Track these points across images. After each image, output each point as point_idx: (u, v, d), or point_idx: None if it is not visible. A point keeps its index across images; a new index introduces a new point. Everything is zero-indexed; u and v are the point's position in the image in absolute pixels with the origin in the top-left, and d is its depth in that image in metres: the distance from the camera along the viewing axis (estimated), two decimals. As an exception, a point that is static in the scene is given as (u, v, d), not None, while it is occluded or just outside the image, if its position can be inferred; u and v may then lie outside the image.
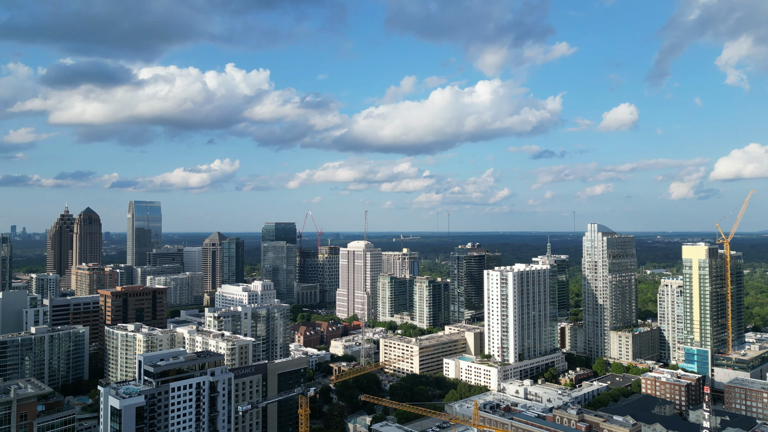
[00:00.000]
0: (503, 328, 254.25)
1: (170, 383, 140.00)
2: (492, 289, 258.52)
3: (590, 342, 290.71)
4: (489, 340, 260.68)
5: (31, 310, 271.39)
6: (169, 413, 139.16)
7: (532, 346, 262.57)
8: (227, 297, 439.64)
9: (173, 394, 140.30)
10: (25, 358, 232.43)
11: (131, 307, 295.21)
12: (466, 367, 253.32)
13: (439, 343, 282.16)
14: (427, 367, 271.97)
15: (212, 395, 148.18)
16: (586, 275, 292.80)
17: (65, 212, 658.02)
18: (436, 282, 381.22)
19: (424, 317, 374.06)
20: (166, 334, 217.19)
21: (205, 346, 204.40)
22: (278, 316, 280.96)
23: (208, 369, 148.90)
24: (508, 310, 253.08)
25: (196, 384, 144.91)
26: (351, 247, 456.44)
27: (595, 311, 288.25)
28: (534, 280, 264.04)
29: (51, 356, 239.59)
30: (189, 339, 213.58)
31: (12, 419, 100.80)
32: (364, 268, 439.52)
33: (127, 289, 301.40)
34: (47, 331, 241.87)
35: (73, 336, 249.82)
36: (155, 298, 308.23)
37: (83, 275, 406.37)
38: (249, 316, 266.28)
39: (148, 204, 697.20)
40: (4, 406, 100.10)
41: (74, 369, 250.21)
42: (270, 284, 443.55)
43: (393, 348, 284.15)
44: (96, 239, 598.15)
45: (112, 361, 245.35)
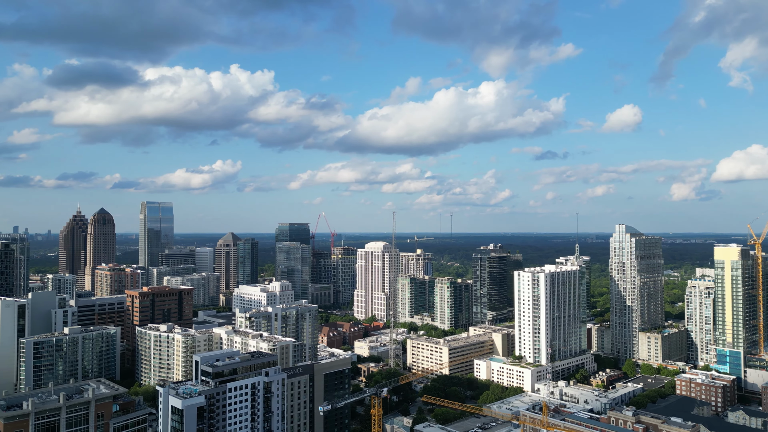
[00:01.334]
0: (535, 329, 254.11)
1: (227, 384, 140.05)
2: (523, 290, 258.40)
3: (618, 343, 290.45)
4: (520, 341, 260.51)
5: (59, 310, 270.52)
6: (226, 413, 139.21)
7: (562, 347, 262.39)
8: (245, 298, 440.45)
9: (230, 394, 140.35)
10: (58, 358, 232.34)
11: (158, 308, 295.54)
12: (497, 369, 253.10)
13: (467, 344, 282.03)
14: (456, 368, 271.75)
15: (267, 395, 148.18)
16: (614, 276, 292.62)
17: (77, 213, 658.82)
18: (457, 283, 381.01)
19: (446, 318, 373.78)
20: (204, 334, 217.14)
21: (244, 346, 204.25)
22: (307, 317, 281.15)
23: (263, 369, 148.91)
24: (540, 311, 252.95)
25: (251, 384, 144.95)
26: (369, 248, 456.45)
27: (623, 312, 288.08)
28: (564, 281, 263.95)
29: (84, 357, 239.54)
30: (227, 340, 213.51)
31: (90, 419, 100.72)
32: (383, 269, 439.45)
33: (154, 290, 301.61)
34: (80, 332, 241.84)
35: (105, 336, 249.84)
36: (181, 299, 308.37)
37: (104, 276, 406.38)
38: (279, 317, 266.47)
39: (160, 204, 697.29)
40: (83, 406, 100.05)
41: (106, 369, 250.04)
42: (288, 285, 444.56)
43: (421, 349, 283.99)
44: (110, 240, 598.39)
45: (145, 361, 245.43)
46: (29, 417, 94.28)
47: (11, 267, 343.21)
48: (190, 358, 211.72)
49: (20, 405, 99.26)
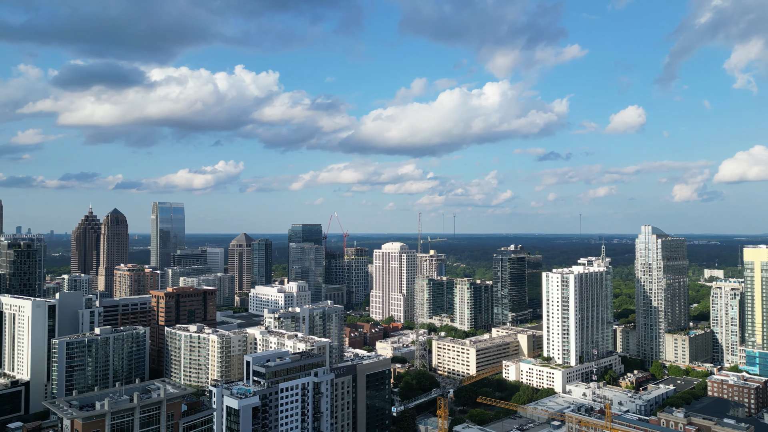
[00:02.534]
0: (564, 330, 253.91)
1: (279, 384, 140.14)
2: (552, 291, 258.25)
3: (643, 344, 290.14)
4: (549, 342, 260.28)
5: (86, 311, 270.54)
6: (278, 413, 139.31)
7: (590, 348, 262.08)
8: (262, 298, 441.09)
9: (282, 394, 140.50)
10: (89, 359, 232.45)
11: (183, 308, 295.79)
12: (527, 370, 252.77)
13: (493, 346, 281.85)
14: (482, 369, 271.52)
15: (316, 396, 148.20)
16: (639, 277, 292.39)
17: (89, 213, 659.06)
18: (477, 284, 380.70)
19: (465, 319, 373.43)
20: (238, 335, 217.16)
21: (280, 347, 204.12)
22: (334, 317, 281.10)
23: (312, 370, 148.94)
24: (569, 313, 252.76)
25: (301, 385, 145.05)
26: (385, 249, 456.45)
27: (649, 314, 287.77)
28: (592, 282, 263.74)
29: (114, 357, 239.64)
30: (261, 340, 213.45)
31: (161, 419, 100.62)
32: (400, 270, 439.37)
33: (179, 290, 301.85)
34: (110, 332, 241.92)
35: (135, 336, 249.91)
36: (205, 299, 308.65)
37: (123, 276, 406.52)
38: (307, 317, 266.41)
39: (171, 205, 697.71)
40: (155, 406, 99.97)
41: (136, 370, 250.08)
42: (305, 285, 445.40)
43: (447, 350, 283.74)
44: (123, 240, 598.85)
45: (175, 361, 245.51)
46: (105, 417, 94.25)
47: (33, 268, 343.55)
48: (225, 359, 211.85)
49: (92, 405, 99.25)
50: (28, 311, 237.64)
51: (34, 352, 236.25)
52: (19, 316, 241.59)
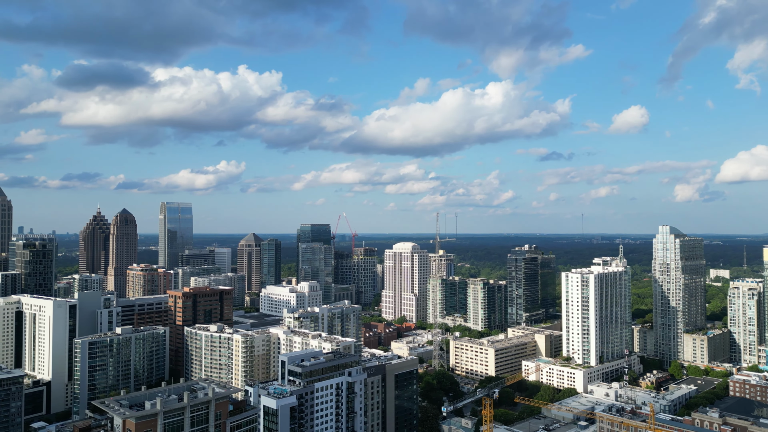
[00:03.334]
0: (584, 330, 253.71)
1: (315, 384, 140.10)
2: (571, 291, 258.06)
3: (661, 344, 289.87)
4: (568, 342, 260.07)
5: (105, 311, 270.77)
6: (314, 413, 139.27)
7: (610, 348, 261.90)
8: (273, 298, 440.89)
9: (317, 394, 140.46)
10: (110, 358, 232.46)
11: (200, 308, 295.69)
12: (547, 370, 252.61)
13: (511, 346, 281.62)
14: (501, 369, 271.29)
15: (350, 396, 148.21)
16: (657, 277, 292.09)
17: (98, 213, 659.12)
18: (490, 284, 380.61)
19: (479, 319, 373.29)
20: (262, 334, 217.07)
21: (305, 346, 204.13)
22: (352, 317, 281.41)
23: (345, 370, 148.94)
24: (589, 312, 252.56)
25: (335, 384, 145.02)
26: (397, 249, 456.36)
27: (667, 313, 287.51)
28: (611, 282, 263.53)
29: (135, 357, 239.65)
30: (285, 340, 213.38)
31: (210, 419, 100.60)
32: (411, 270, 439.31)
33: (196, 290, 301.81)
34: (131, 332, 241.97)
35: (155, 337, 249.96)
36: (222, 299, 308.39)
37: (136, 276, 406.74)
38: (326, 317, 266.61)
39: (179, 205, 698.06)
40: (204, 405, 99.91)
41: (156, 370, 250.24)
42: (316, 285, 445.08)
43: (465, 350, 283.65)
44: (132, 240, 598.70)
45: (195, 361, 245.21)
46: (157, 417, 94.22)
47: (48, 268, 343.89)
48: (250, 358, 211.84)
49: (142, 405, 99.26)
50: (50, 311, 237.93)
51: (56, 352, 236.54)
52: (40, 316, 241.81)
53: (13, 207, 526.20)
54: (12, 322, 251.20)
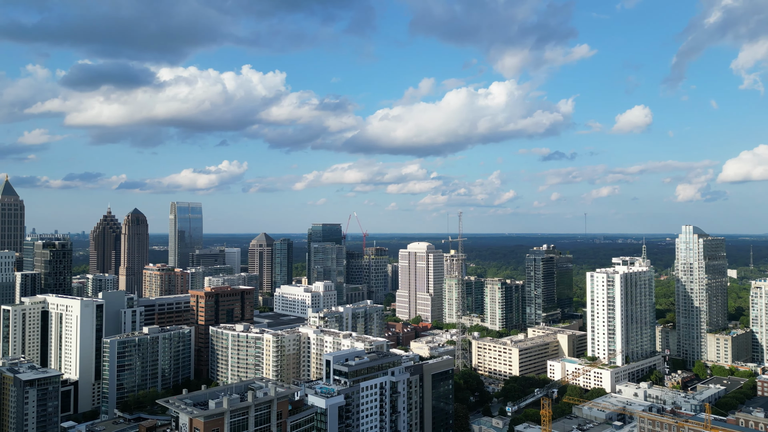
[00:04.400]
0: (609, 330, 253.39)
1: (360, 383, 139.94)
2: (597, 290, 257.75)
3: (684, 344, 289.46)
4: (593, 342, 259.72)
5: (128, 310, 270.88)
6: (360, 413, 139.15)
7: (634, 348, 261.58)
8: (288, 298, 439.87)
9: (363, 393, 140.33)
10: (137, 358, 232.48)
11: (222, 308, 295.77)
12: (572, 370, 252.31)
13: (534, 346, 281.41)
14: (525, 369, 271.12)
15: (393, 395, 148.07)
16: (680, 277, 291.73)
17: (108, 213, 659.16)
18: (507, 284, 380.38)
19: (497, 319, 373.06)
20: (292, 334, 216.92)
21: (337, 346, 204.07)
22: (375, 317, 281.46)
23: (389, 369, 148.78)
24: (615, 312, 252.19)
25: (379, 384, 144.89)
26: (412, 249, 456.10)
27: (690, 314, 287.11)
28: (635, 282, 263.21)
29: (162, 356, 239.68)
30: (315, 339, 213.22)
31: (272, 418, 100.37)
32: (426, 270, 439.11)
33: (218, 290, 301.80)
34: (158, 331, 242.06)
35: (181, 336, 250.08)
36: (243, 299, 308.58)
37: (153, 276, 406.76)
38: (350, 316, 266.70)
39: (189, 205, 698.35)
40: (266, 404, 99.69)
41: (183, 369, 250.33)
42: (330, 285, 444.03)
43: (487, 350, 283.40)
44: (143, 240, 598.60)
45: (222, 361, 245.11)
46: (224, 416, 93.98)
47: (68, 267, 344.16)
48: (281, 357, 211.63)
49: (204, 404, 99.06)
50: (77, 311, 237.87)
51: (83, 352, 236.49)
52: (66, 315, 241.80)
53: (24, 207, 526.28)
54: (38, 322, 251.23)
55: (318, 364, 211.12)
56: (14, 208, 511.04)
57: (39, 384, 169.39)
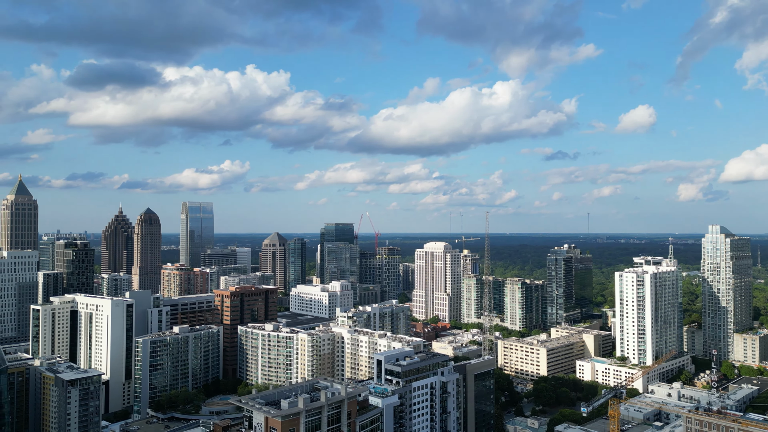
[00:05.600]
0: (639, 330, 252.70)
1: (412, 383, 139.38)
2: (626, 290, 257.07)
3: (710, 344, 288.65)
4: (623, 342, 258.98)
5: (155, 310, 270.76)
6: (412, 413, 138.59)
7: (662, 348, 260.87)
8: (304, 297, 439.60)
9: (415, 393, 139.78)
10: (168, 358, 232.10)
11: (246, 308, 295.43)
12: (602, 370, 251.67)
13: (561, 346, 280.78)
14: (552, 369, 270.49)
15: (443, 395, 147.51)
16: (707, 277, 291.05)
17: (119, 213, 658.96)
18: (528, 284, 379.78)
19: (517, 319, 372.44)
20: (327, 333, 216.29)
21: (372, 345, 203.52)
22: (401, 317, 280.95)
23: (438, 369, 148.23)
24: (645, 312, 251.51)
25: (430, 384, 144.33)
26: (429, 248, 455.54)
27: (717, 313, 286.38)
28: (664, 282, 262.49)
29: (192, 356, 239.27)
30: (350, 339, 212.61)
31: (342, 418, 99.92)
32: (444, 269, 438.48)
33: (242, 290, 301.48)
34: (188, 331, 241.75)
35: (210, 336, 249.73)
36: (267, 299, 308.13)
37: (172, 275, 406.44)
38: (377, 316, 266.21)
39: (201, 205, 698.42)
40: (337, 404, 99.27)
41: (212, 369, 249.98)
42: (347, 285, 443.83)
43: (514, 350, 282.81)
44: (156, 240, 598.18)
45: (251, 360, 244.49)
46: (300, 416, 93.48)
47: (90, 267, 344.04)
48: (316, 358, 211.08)
49: (276, 403, 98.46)
50: (107, 310, 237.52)
51: (114, 352, 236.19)
52: (97, 315, 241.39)
53: (37, 207, 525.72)
54: (67, 322, 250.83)
55: (353, 364, 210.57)
56: (28, 208, 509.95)
57: (81, 384, 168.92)
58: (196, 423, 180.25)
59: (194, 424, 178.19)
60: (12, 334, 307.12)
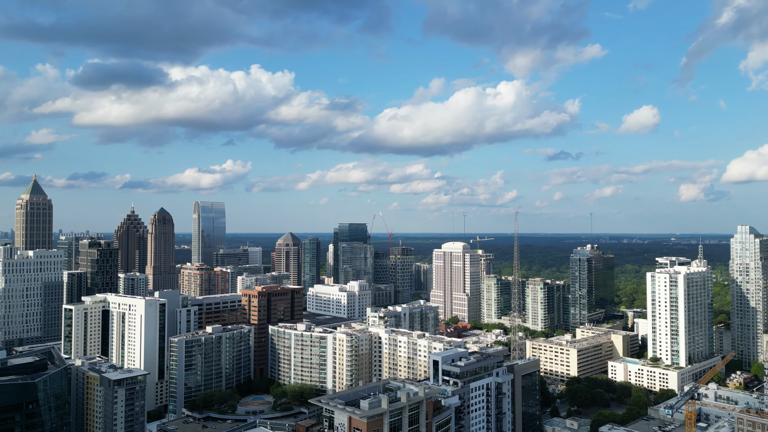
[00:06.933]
0: (673, 330, 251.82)
1: (470, 384, 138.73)
2: (658, 290, 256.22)
3: (739, 345, 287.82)
4: (655, 342, 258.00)
5: (183, 309, 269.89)
6: (470, 413, 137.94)
7: (695, 349, 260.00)
8: (322, 297, 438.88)
9: (472, 394, 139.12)
10: (201, 357, 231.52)
11: (273, 307, 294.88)
12: (635, 371, 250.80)
13: (590, 346, 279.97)
14: (583, 370, 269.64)
15: (498, 396, 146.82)
16: (735, 278, 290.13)
17: (131, 213, 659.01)
18: (550, 284, 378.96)
19: (539, 320, 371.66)
20: (364, 334, 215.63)
21: (412, 346, 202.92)
22: (430, 317, 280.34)
23: (493, 370, 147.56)
24: (678, 313, 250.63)
25: (486, 385, 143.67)
26: (447, 248, 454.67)
27: (746, 314, 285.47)
28: (695, 282, 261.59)
29: (225, 356, 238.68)
30: (388, 339, 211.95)
31: (421, 418, 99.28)
32: (463, 270, 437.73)
33: (269, 289, 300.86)
34: (221, 331, 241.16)
35: (242, 336, 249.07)
36: (293, 298, 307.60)
37: (192, 275, 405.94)
38: (407, 315, 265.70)
39: (213, 205, 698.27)
40: (416, 405, 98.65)
41: (244, 369, 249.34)
42: (365, 285, 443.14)
43: (543, 350, 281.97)
44: (169, 240, 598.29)
45: (284, 361, 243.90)
46: (384, 416, 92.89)
47: (114, 266, 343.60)
48: (355, 358, 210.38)
49: (354, 403, 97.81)
50: (141, 310, 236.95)
51: (147, 351, 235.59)
52: (130, 315, 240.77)
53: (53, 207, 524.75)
54: (99, 321, 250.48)
55: (391, 364, 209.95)
56: (42, 208, 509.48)
57: (127, 383, 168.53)
58: (253, 424, 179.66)
59: (251, 424, 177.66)
60: (38, 333, 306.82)
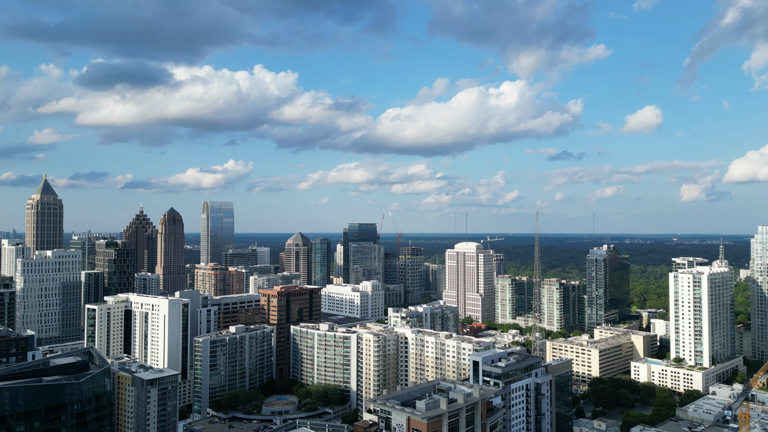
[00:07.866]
0: (696, 331, 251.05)
1: (511, 385, 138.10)
2: (682, 291, 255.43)
3: (760, 345, 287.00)
4: (678, 343, 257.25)
5: (203, 309, 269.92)
6: (511, 414, 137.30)
7: (718, 349, 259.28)
8: (335, 297, 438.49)
9: (513, 395, 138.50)
10: (224, 357, 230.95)
11: (292, 307, 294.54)
12: (659, 371, 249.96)
13: (611, 347, 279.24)
14: (604, 370, 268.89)
15: (538, 397, 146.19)
16: (756, 278, 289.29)
17: (140, 213, 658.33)
18: (565, 284, 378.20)
19: (554, 320, 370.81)
20: (391, 334, 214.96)
21: (440, 346, 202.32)
22: (451, 317, 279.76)
23: (532, 371, 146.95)
24: (702, 313, 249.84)
25: (525, 386, 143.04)
26: (460, 249, 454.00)
27: (767, 314, 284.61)
28: (718, 282, 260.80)
29: (249, 356, 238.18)
30: (415, 339, 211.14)
31: (476, 419, 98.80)
32: (476, 270, 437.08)
33: (288, 289, 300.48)
34: (244, 331, 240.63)
35: (264, 336, 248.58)
36: (311, 298, 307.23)
37: (207, 275, 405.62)
38: (429, 316, 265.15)
39: (222, 205, 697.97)
40: (472, 406, 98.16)
41: (266, 369, 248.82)
42: (378, 285, 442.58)
43: (563, 351, 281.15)
44: (179, 240, 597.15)
45: (307, 361, 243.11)
46: (443, 417, 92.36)
47: (132, 266, 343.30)
48: (382, 359, 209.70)
49: (409, 404, 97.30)
50: (164, 310, 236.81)
51: (171, 351, 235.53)
52: (153, 314, 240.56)
53: (63, 206, 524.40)
54: (121, 321, 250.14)
55: (418, 364, 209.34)
56: (53, 207, 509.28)
57: (159, 383, 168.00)
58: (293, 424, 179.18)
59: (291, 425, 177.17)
60: (56, 333, 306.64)
